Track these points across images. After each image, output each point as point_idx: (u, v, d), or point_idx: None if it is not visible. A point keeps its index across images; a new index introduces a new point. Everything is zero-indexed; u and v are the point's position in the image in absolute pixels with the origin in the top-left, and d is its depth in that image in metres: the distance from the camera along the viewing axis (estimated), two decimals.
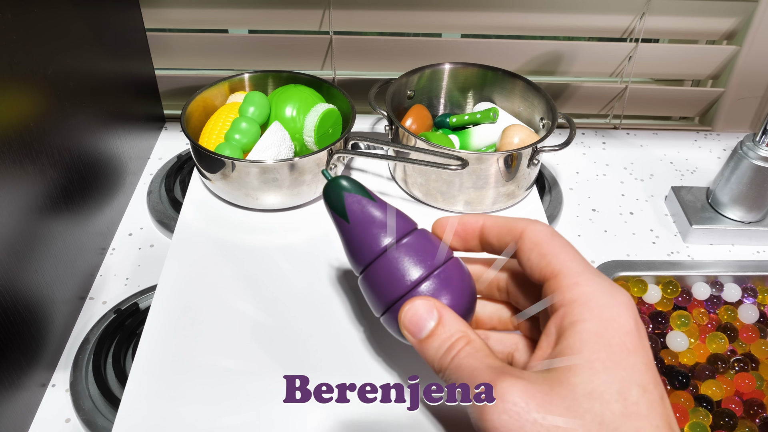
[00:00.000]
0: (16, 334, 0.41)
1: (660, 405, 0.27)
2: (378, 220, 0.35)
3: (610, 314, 0.28)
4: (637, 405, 0.26)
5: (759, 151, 0.57)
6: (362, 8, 0.70)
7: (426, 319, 0.31)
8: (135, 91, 0.68)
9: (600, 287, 0.29)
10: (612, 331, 0.28)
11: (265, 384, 0.41)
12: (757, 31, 0.71)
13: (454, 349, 0.30)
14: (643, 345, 0.28)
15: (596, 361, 0.27)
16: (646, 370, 0.27)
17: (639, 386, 0.26)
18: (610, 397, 0.26)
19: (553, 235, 0.32)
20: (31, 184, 0.44)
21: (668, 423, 0.27)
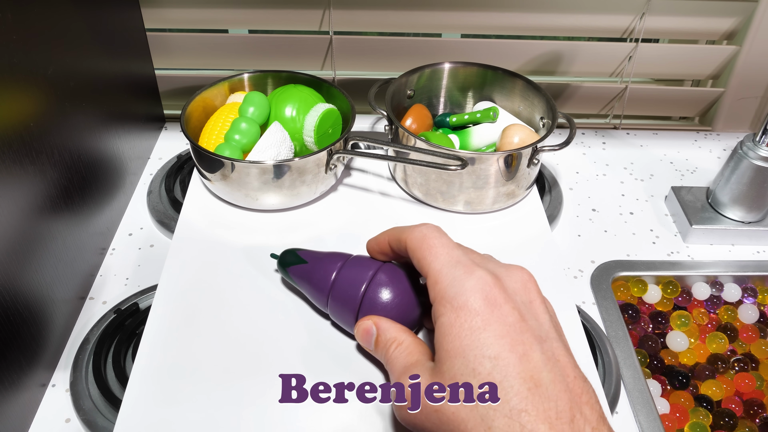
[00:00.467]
0: (16, 334, 0.41)
1: (516, 366, 0.31)
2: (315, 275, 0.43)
3: (460, 302, 0.33)
4: (491, 374, 0.30)
5: (759, 151, 0.57)
6: (362, 8, 0.70)
7: (369, 334, 0.39)
8: (135, 91, 0.68)
9: (453, 279, 0.34)
10: (462, 317, 0.32)
11: (265, 385, 0.41)
12: (757, 31, 0.71)
13: (389, 351, 0.38)
14: (496, 318, 0.32)
15: (451, 350, 0.32)
16: (498, 340, 0.31)
17: (489, 358, 0.31)
18: (467, 375, 0.31)
19: (424, 238, 0.37)
20: (31, 184, 0.44)
21: (529, 378, 0.30)
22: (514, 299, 0.33)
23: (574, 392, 0.31)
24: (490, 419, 0.30)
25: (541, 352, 0.32)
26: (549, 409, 0.30)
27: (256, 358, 0.43)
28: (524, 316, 0.33)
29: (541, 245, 0.53)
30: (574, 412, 0.30)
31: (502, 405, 0.30)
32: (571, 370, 0.32)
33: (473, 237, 0.54)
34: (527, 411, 0.30)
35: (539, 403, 0.30)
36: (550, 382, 0.31)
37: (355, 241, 0.53)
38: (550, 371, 0.31)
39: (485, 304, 0.32)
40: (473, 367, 0.31)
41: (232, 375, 0.41)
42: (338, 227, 0.54)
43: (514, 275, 0.35)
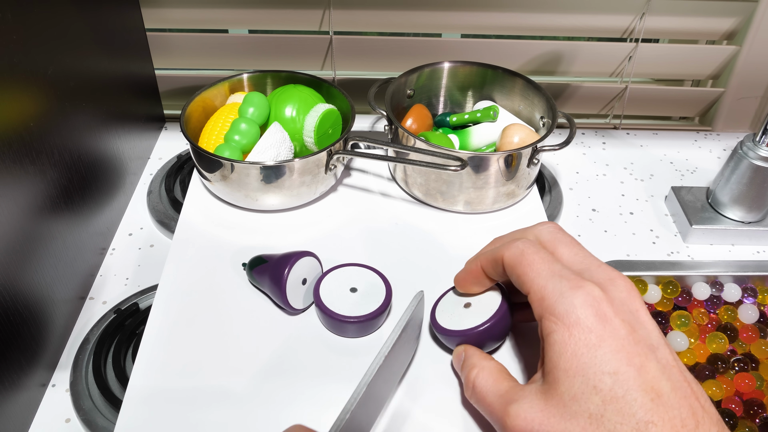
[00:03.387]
0: (16, 334, 0.41)
1: (636, 378, 0.30)
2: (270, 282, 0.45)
3: (572, 319, 0.32)
4: (612, 390, 0.30)
5: (759, 151, 0.57)
6: (362, 8, 0.70)
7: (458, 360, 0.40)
8: (135, 91, 0.68)
9: (561, 295, 0.33)
10: (576, 334, 0.32)
11: (265, 386, 0.41)
12: (757, 31, 0.71)
13: (470, 380, 0.37)
14: (609, 332, 0.32)
15: (569, 369, 0.31)
16: (615, 355, 0.31)
17: (609, 374, 0.30)
18: (588, 393, 0.31)
19: (523, 254, 0.36)
20: (31, 184, 0.44)
21: (650, 389, 0.30)
22: (622, 311, 0.33)
23: (691, 398, 0.31)
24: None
25: (656, 361, 0.31)
26: (674, 418, 0.30)
27: (256, 357, 0.43)
28: (634, 327, 0.32)
29: None
30: (697, 418, 0.30)
31: (629, 419, 0.30)
32: (684, 375, 0.32)
33: (473, 237, 0.54)
34: (654, 422, 0.30)
35: (664, 413, 0.30)
36: (670, 391, 0.31)
37: (355, 241, 0.53)
38: (668, 380, 0.31)
39: (597, 320, 0.32)
40: (594, 384, 0.31)
41: (232, 375, 0.41)
42: (338, 227, 0.54)
43: (619, 286, 0.34)
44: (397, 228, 0.55)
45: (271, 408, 0.40)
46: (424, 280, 0.49)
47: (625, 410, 0.30)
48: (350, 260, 0.50)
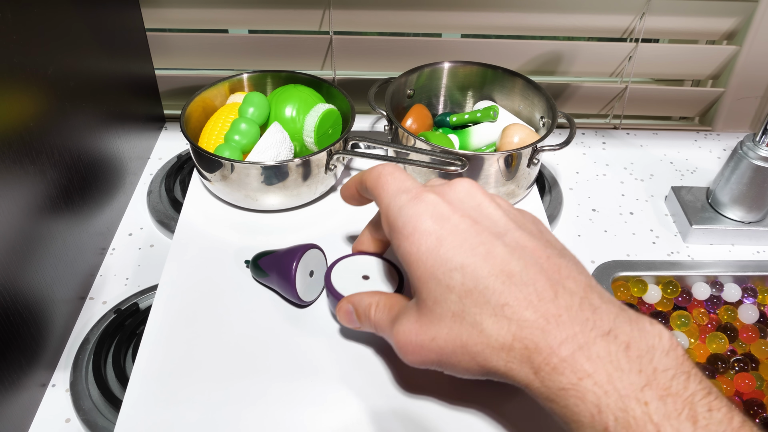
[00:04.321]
0: (16, 334, 0.41)
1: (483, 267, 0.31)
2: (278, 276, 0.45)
3: (409, 229, 0.33)
4: (464, 284, 0.31)
5: (759, 151, 0.57)
6: (362, 8, 0.70)
7: (349, 313, 0.40)
8: (135, 91, 0.68)
9: (400, 209, 0.34)
10: (417, 241, 0.33)
11: (266, 386, 0.41)
12: (757, 31, 0.71)
13: (371, 317, 0.38)
14: (448, 230, 0.32)
15: (421, 276, 0.33)
16: (458, 250, 0.32)
17: (456, 269, 0.31)
18: (444, 293, 0.32)
19: (379, 175, 0.37)
20: (31, 184, 0.44)
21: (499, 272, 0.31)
22: (462, 208, 0.34)
23: (549, 271, 0.31)
24: (480, 324, 0.31)
25: (504, 245, 0.32)
26: (529, 294, 0.30)
27: (256, 358, 0.43)
28: (476, 219, 0.33)
29: None
30: (556, 289, 0.30)
31: (485, 307, 0.31)
32: (541, 251, 0.32)
33: None
34: (508, 304, 0.30)
35: (517, 292, 0.30)
36: (522, 270, 0.31)
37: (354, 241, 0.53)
38: (519, 259, 0.31)
39: (434, 222, 0.33)
40: (446, 284, 0.32)
41: (233, 375, 0.41)
42: (338, 227, 0.54)
43: (456, 187, 0.35)
44: None
45: (271, 408, 0.40)
46: None
47: (480, 300, 0.31)
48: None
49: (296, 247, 0.45)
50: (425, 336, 0.33)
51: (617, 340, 0.28)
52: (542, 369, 0.29)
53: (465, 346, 0.31)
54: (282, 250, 0.46)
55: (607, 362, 0.28)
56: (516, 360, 0.30)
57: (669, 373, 0.28)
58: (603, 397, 0.27)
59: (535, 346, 0.29)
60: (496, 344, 0.30)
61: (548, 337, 0.29)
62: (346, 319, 0.40)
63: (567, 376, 0.28)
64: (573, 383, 0.28)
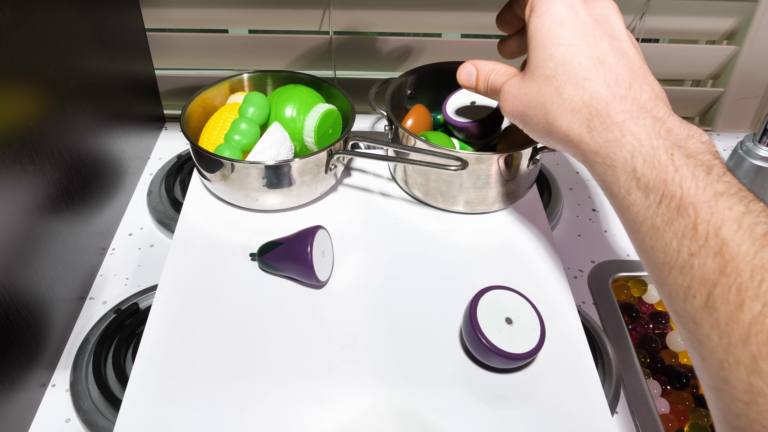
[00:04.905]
0: (16, 334, 0.41)
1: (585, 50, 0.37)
2: (293, 255, 0.47)
3: (544, 8, 0.39)
4: (564, 57, 0.38)
5: (759, 151, 0.57)
6: (362, 8, 0.70)
7: (470, 74, 0.47)
8: (135, 91, 0.68)
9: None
10: (544, 19, 0.39)
11: (265, 386, 0.41)
12: (757, 31, 0.71)
13: (489, 79, 0.45)
14: (573, 18, 0.38)
15: (535, 45, 0.39)
16: (572, 32, 0.38)
17: (563, 45, 0.38)
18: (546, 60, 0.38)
19: None
20: (31, 184, 0.44)
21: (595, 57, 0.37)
22: (594, 12, 0.39)
23: (636, 73, 0.37)
24: (561, 89, 0.37)
25: (610, 44, 0.38)
26: (609, 78, 0.36)
27: (256, 358, 0.43)
28: (599, 21, 0.39)
29: (541, 245, 0.53)
30: (632, 82, 0.36)
31: (571, 77, 0.37)
32: (638, 62, 0.38)
33: (473, 237, 0.54)
34: (590, 78, 0.37)
35: (601, 74, 0.36)
36: (614, 62, 0.37)
37: (355, 241, 0.53)
38: (616, 56, 0.37)
39: (565, 9, 0.39)
40: (550, 53, 0.38)
41: (232, 375, 0.41)
42: (338, 227, 0.54)
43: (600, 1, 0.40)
44: (397, 228, 0.55)
45: (270, 407, 0.40)
46: (424, 280, 0.49)
47: (570, 71, 0.37)
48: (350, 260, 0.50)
49: (305, 231, 0.47)
50: (520, 90, 0.41)
51: (665, 125, 0.34)
52: (596, 128, 0.36)
53: (544, 104, 0.38)
54: (289, 237, 0.48)
55: (650, 129, 0.34)
56: (577, 121, 0.37)
57: (701, 147, 0.33)
58: (638, 146, 0.34)
59: (596, 111, 0.36)
60: (567, 106, 0.37)
61: (609, 107, 0.36)
62: (466, 78, 0.47)
63: (614, 132, 0.35)
64: (617, 137, 0.35)
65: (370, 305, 0.47)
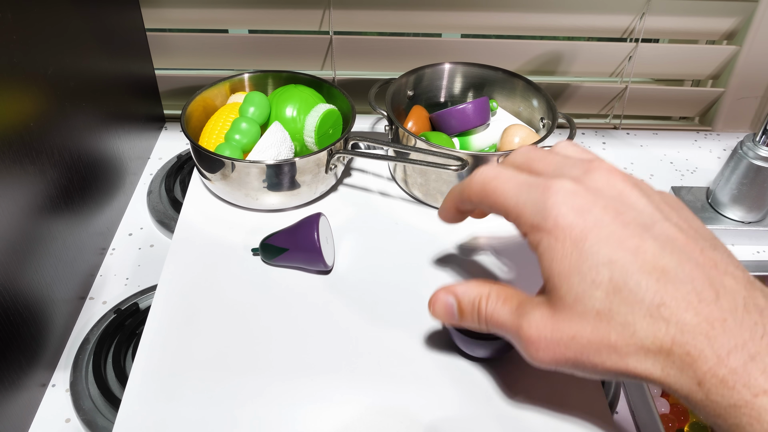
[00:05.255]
0: (16, 334, 0.41)
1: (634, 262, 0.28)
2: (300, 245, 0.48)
3: (551, 223, 0.30)
4: (612, 280, 0.28)
5: (759, 151, 0.57)
6: (362, 8, 0.70)
7: (449, 306, 0.36)
8: (135, 91, 0.68)
9: (534, 205, 0.31)
10: (559, 236, 0.30)
11: (265, 385, 0.41)
12: (757, 31, 0.71)
13: (482, 311, 0.34)
14: (592, 223, 0.30)
15: (563, 271, 0.30)
16: (605, 244, 0.29)
17: (604, 264, 0.29)
18: (589, 289, 0.29)
19: (484, 184, 0.34)
20: (31, 184, 0.44)
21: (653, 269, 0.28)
22: (603, 198, 0.31)
23: (706, 267, 0.28)
24: (631, 324, 0.28)
25: (653, 239, 0.29)
26: (688, 293, 0.27)
27: (256, 357, 0.43)
28: (620, 210, 0.30)
29: None
30: (717, 288, 0.28)
31: (638, 306, 0.28)
32: (694, 244, 0.29)
33: (473, 237, 0.54)
34: (665, 303, 0.27)
35: (675, 291, 0.27)
36: (676, 266, 0.28)
37: (354, 241, 0.53)
38: (672, 253, 0.29)
39: (576, 214, 0.30)
40: (592, 279, 0.29)
41: (232, 374, 0.41)
42: (338, 227, 0.54)
43: (594, 175, 0.32)
44: (397, 228, 0.55)
45: (270, 406, 0.40)
46: (424, 280, 0.49)
47: (631, 298, 0.28)
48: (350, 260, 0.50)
49: (308, 219, 0.48)
50: (564, 333, 0.30)
51: None
52: (708, 380, 0.26)
53: (614, 347, 0.29)
54: (291, 227, 0.49)
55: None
56: (675, 367, 0.27)
57: None
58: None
59: (699, 353, 0.26)
60: (652, 347, 0.28)
61: (714, 344, 0.26)
62: (443, 312, 0.36)
63: (739, 391, 0.26)
64: (747, 400, 0.25)
65: (371, 304, 0.47)
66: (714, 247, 0.30)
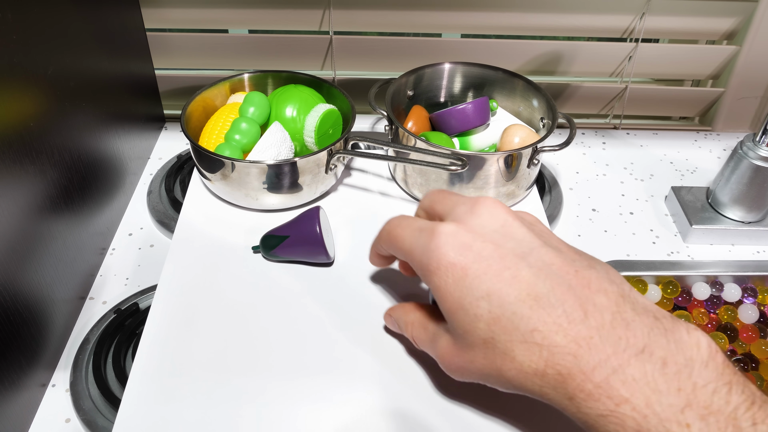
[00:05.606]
0: (16, 334, 0.41)
1: (509, 293, 0.31)
2: (302, 237, 0.48)
3: (434, 265, 0.33)
4: (491, 312, 0.31)
5: (759, 151, 0.57)
6: (362, 8, 0.70)
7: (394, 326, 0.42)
8: (135, 91, 0.68)
9: (422, 248, 0.34)
10: (444, 275, 0.33)
11: (265, 385, 0.41)
12: (757, 31, 0.71)
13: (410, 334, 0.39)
14: (472, 259, 0.32)
15: (449, 308, 0.33)
16: (483, 278, 0.31)
17: (482, 298, 0.31)
18: (473, 322, 0.32)
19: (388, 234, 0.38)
20: (31, 184, 0.44)
21: (526, 296, 0.30)
22: (483, 233, 0.33)
23: (578, 288, 0.30)
24: (511, 351, 0.30)
25: (528, 266, 0.31)
26: (558, 317, 0.29)
27: (256, 357, 0.43)
28: (499, 243, 0.32)
29: None
30: (586, 307, 0.29)
31: (514, 334, 0.30)
32: (568, 266, 0.31)
33: None
34: (537, 329, 0.30)
35: (545, 316, 0.30)
36: (549, 291, 0.30)
37: (354, 241, 0.53)
38: (546, 279, 0.31)
39: (457, 253, 0.32)
40: (474, 313, 0.31)
41: (232, 374, 0.41)
42: (338, 227, 0.54)
43: (477, 210, 0.34)
44: None
45: (269, 406, 0.40)
46: None
47: (509, 326, 0.30)
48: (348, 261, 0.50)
49: (307, 213, 0.49)
50: (463, 359, 0.33)
51: (653, 358, 0.28)
52: (577, 396, 0.29)
53: (500, 371, 0.31)
54: (291, 221, 0.49)
55: (643, 385, 0.27)
56: (550, 386, 0.30)
57: (709, 387, 0.27)
58: (643, 422, 0.27)
59: (568, 372, 0.29)
60: (529, 370, 0.30)
61: (581, 362, 0.28)
62: (392, 326, 0.43)
63: (604, 403, 0.28)
64: (611, 409, 0.27)
65: (371, 305, 0.47)
66: (590, 266, 0.32)
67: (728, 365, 0.28)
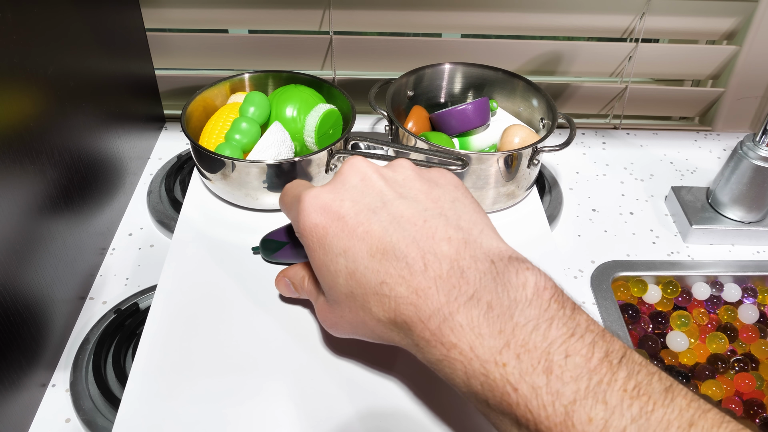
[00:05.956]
0: (16, 334, 0.41)
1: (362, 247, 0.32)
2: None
3: (300, 228, 0.35)
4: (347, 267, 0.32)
5: (759, 151, 0.57)
6: (362, 8, 0.70)
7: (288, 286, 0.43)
8: (135, 91, 0.68)
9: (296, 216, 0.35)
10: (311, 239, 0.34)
11: (264, 384, 0.41)
12: (757, 31, 0.71)
13: (304, 287, 0.40)
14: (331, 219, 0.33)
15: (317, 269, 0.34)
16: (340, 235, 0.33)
17: (340, 254, 0.32)
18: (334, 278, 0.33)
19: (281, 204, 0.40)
20: (31, 184, 0.44)
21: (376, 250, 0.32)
22: (343, 190, 0.34)
23: (422, 239, 0.31)
24: (367, 303, 0.32)
25: (380, 221, 0.32)
26: (401, 269, 0.31)
27: (256, 357, 0.43)
28: (356, 198, 0.34)
29: (541, 245, 0.53)
30: (426, 258, 0.31)
31: (366, 287, 0.32)
32: (418, 217, 0.32)
33: None
34: (385, 281, 0.31)
35: (391, 269, 0.31)
36: (395, 244, 0.31)
37: None
38: (395, 232, 0.32)
39: (319, 214, 0.34)
40: (334, 269, 0.33)
41: (232, 373, 0.41)
42: None
43: (341, 170, 0.36)
44: None
45: (269, 405, 0.40)
46: None
47: (362, 280, 0.32)
48: None
49: None
50: (334, 315, 0.35)
51: (479, 303, 0.29)
52: (420, 343, 0.30)
53: (364, 323, 0.33)
54: (290, 225, 0.48)
55: (468, 330, 0.28)
56: (401, 334, 0.31)
57: (529, 326, 0.28)
58: (468, 365, 0.28)
59: (411, 321, 0.30)
60: (385, 320, 0.32)
61: (419, 311, 0.30)
62: (285, 291, 0.43)
63: (438, 349, 0.29)
64: (444, 354, 0.29)
65: None
66: (441, 213, 0.33)
67: (557, 300, 0.28)
